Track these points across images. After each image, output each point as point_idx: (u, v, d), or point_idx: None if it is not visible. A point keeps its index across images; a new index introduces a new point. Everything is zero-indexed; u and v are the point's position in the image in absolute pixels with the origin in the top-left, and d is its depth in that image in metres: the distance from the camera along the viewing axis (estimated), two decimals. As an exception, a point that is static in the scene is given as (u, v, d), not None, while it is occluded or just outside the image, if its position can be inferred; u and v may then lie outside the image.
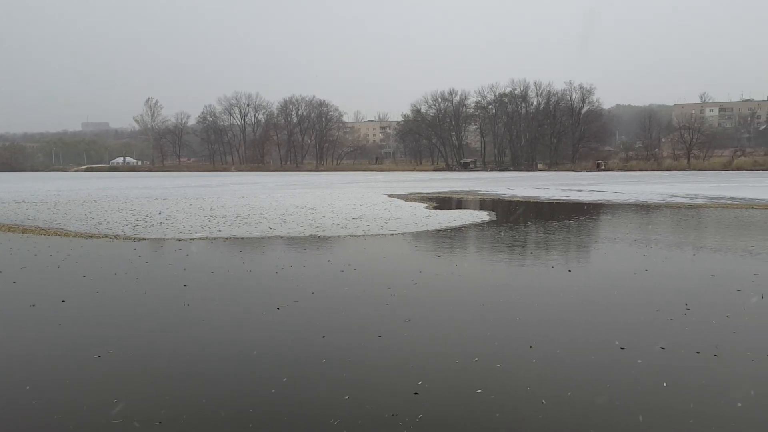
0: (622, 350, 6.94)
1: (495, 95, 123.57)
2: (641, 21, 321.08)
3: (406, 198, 34.89)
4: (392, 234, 18.19)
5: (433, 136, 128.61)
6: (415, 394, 5.74)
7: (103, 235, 18.16)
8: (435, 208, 27.82)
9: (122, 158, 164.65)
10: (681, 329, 7.77)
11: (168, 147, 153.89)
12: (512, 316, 8.48)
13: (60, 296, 9.94)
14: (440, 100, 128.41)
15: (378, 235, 17.83)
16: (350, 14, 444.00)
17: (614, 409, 5.42)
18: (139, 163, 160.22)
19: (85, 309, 9.27)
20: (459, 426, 5.14)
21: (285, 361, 6.71)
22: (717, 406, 5.53)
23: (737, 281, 10.75)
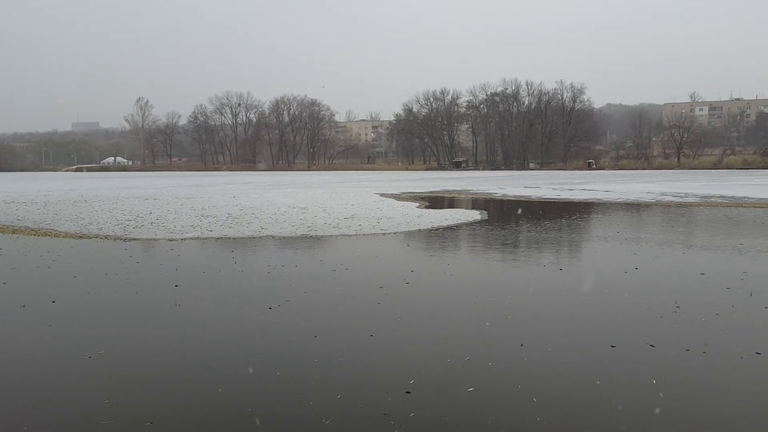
0: (613, 348, 6.98)
1: (487, 94, 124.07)
2: (641, 21, 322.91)
3: (398, 197, 34.92)
4: (384, 233, 18.20)
5: (425, 136, 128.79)
6: (407, 393, 5.76)
7: (94, 236, 18.06)
8: (427, 208, 27.87)
9: (113, 158, 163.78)
10: (671, 327, 7.83)
11: (159, 147, 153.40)
12: (504, 315, 8.51)
13: (50, 297, 9.88)
14: (432, 100, 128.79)
15: (370, 235, 17.83)
16: (350, 14, 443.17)
17: (604, 407, 5.46)
18: (130, 163, 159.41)
19: (76, 309, 9.22)
20: (451, 425, 5.16)
21: (277, 361, 6.71)
22: (706, 403, 5.58)
23: (727, 279, 10.85)
